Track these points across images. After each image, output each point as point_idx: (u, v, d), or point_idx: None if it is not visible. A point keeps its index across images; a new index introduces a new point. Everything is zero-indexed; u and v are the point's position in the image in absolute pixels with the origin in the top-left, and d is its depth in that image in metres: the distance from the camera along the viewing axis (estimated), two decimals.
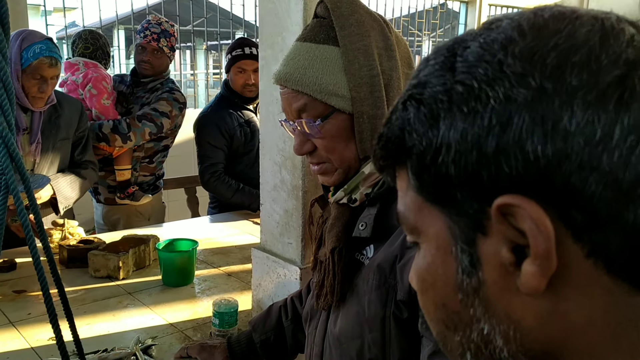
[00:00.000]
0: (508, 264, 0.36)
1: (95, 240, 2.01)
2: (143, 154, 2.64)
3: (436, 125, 0.37)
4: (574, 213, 0.34)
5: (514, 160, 0.34)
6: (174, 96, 2.61)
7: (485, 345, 0.39)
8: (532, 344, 0.37)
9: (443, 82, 0.38)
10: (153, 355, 1.35)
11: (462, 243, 0.38)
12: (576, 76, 0.34)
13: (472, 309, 0.39)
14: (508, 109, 0.35)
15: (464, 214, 0.37)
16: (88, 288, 1.77)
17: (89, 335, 1.46)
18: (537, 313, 0.37)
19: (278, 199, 1.45)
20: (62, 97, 2.24)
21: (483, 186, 0.36)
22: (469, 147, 0.36)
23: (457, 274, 0.39)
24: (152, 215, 2.76)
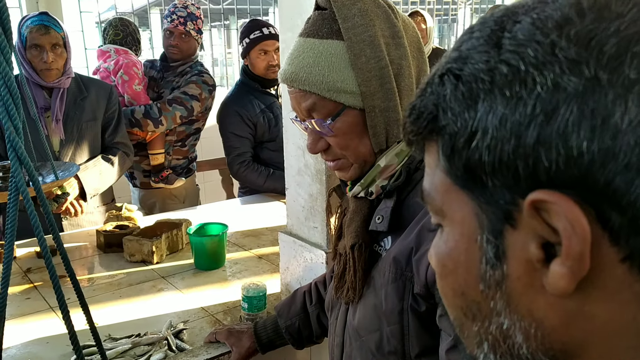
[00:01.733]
0: (536, 260, 0.34)
1: (130, 225, 2.06)
2: (175, 137, 2.67)
3: (474, 106, 0.35)
4: (614, 216, 0.31)
5: (556, 154, 0.32)
6: (202, 79, 2.62)
7: (503, 339, 0.37)
8: (553, 344, 0.35)
9: (486, 60, 0.35)
10: (184, 339, 1.38)
11: (488, 233, 0.36)
12: (635, 68, 0.31)
13: (493, 302, 0.37)
14: (556, 97, 0.32)
15: (493, 203, 0.35)
16: (124, 272, 1.82)
17: (124, 319, 1.50)
18: (562, 313, 0.34)
19: (302, 183, 1.45)
20: (90, 81, 2.29)
21: (518, 177, 0.33)
22: (507, 135, 0.33)
23: (480, 264, 0.37)
24: (187, 198, 2.80)
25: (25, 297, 1.65)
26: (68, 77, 2.13)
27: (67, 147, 2.16)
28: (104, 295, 1.66)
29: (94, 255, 1.98)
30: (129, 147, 2.36)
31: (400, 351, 0.87)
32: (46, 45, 2.02)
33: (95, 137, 2.25)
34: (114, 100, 2.30)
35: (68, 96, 2.15)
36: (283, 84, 0.91)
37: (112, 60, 2.58)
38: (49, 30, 2.02)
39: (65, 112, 2.14)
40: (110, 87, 2.33)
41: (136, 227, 2.04)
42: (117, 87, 2.55)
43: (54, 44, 2.04)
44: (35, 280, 1.75)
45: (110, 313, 1.54)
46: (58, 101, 2.12)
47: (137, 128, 2.51)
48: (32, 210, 0.69)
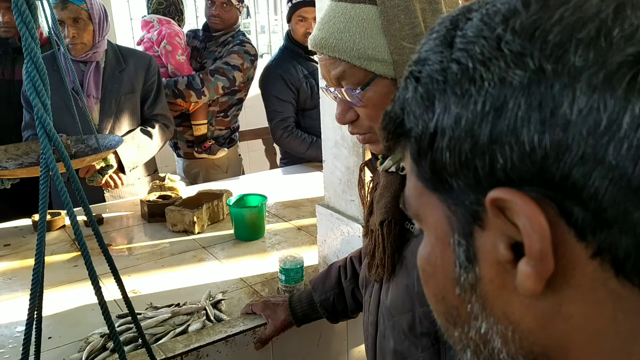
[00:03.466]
0: (505, 261, 0.32)
1: (173, 195, 2.10)
2: (218, 108, 2.69)
3: (432, 107, 0.34)
4: (576, 210, 0.30)
5: (509, 151, 0.30)
6: (244, 49, 2.61)
7: (483, 344, 0.36)
8: (533, 347, 0.34)
9: (440, 60, 0.34)
10: (222, 309, 1.40)
11: (458, 235, 0.35)
12: (581, 55, 0.29)
13: (470, 305, 0.36)
14: (503, 92, 0.31)
15: (460, 205, 0.34)
16: (166, 242, 1.86)
17: (165, 288, 1.54)
18: (538, 315, 0.33)
19: (339, 155, 1.42)
20: (129, 53, 2.29)
21: (478, 177, 0.32)
22: (462, 134, 0.32)
23: (454, 267, 0.36)
24: (230, 167, 2.83)
25: (73, 264, 1.71)
26: (96, 51, 2.12)
27: (106, 120, 2.18)
28: (146, 265, 1.70)
29: (137, 225, 2.03)
30: (168, 119, 2.37)
31: (433, 333, 0.85)
32: (66, 20, 2.02)
33: (134, 109, 2.26)
34: (152, 71, 2.29)
35: (106, 69, 2.17)
36: (312, 50, 0.88)
37: (155, 31, 2.59)
38: (66, 4, 2.01)
39: (103, 86, 2.16)
40: (150, 57, 2.33)
41: (178, 197, 2.08)
42: (161, 57, 2.57)
43: (75, 18, 2.03)
44: None
45: (152, 282, 1.58)
46: (91, 76, 2.13)
47: (180, 99, 2.53)
48: (62, 186, 0.70)
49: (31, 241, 1.89)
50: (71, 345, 1.30)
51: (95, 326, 1.34)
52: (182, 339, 1.26)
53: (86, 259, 0.76)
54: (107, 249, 0.83)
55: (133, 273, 1.63)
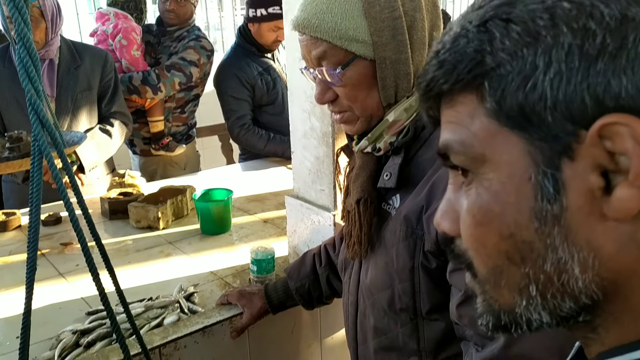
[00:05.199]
0: (597, 188, 0.35)
1: (134, 192, 2.07)
2: (174, 104, 2.65)
3: (534, 43, 0.35)
4: None
5: (626, 81, 0.33)
6: (200, 44, 2.59)
7: (558, 275, 0.38)
8: (607, 273, 0.36)
9: (541, 0, 0.36)
10: (195, 302, 1.40)
11: (545, 167, 0.36)
12: None
13: (549, 238, 0.37)
14: (625, 27, 0.33)
15: (549, 138, 0.36)
16: (131, 239, 1.84)
17: (135, 284, 1.52)
18: (617, 240, 0.35)
19: (308, 146, 1.45)
20: (84, 48, 2.22)
21: (584, 107, 0.34)
22: (575, 66, 0.34)
23: (535, 201, 0.37)
24: (187, 164, 2.80)
25: None
26: (48, 48, 2.05)
27: (63, 118, 2.11)
28: (112, 262, 1.66)
29: (99, 222, 1.99)
30: (127, 117, 2.32)
31: (412, 308, 0.90)
32: None
33: (92, 107, 2.20)
34: (109, 67, 2.23)
35: (61, 66, 2.10)
36: (295, 31, 0.90)
37: (110, 24, 2.53)
38: None
39: (58, 83, 2.10)
40: (106, 53, 2.27)
41: (140, 193, 2.05)
42: (115, 51, 2.52)
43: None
44: (43, 248, 1.76)
45: (121, 278, 1.54)
46: (45, 74, 2.05)
47: (135, 95, 2.49)
48: (57, 172, 0.69)
49: None
50: (41, 344, 1.27)
51: (63, 324, 1.31)
52: (158, 332, 1.25)
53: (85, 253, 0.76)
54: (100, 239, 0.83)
55: (99, 270, 1.60)
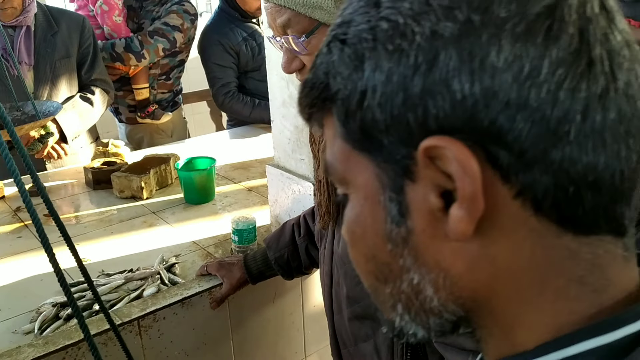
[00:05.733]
0: (436, 209, 0.34)
1: (118, 162, 2.05)
2: (159, 71, 2.61)
3: (361, 66, 0.35)
4: (502, 154, 0.32)
5: (441, 101, 0.32)
6: (184, 8, 2.52)
7: (415, 295, 0.38)
8: (462, 291, 0.36)
9: (367, 20, 0.35)
10: (176, 273, 1.40)
11: (390, 191, 0.36)
12: (505, 7, 0.31)
13: (402, 259, 0.37)
14: (435, 45, 0.32)
15: (391, 161, 0.35)
16: (114, 209, 1.83)
17: (117, 255, 1.52)
18: (466, 259, 0.35)
19: (287, 115, 1.43)
20: (60, 14, 2.16)
21: (410, 130, 0.34)
22: (394, 89, 0.33)
23: (385, 223, 0.37)
24: (174, 131, 2.78)
25: (16, 235, 1.66)
26: (26, 15, 1.99)
27: (42, 87, 2.07)
28: (95, 232, 1.67)
29: (82, 193, 1.98)
30: (108, 84, 2.28)
31: None
32: None
33: (71, 75, 2.16)
34: (87, 33, 2.18)
35: (37, 33, 2.05)
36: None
37: None
38: None
39: (35, 51, 2.05)
40: (83, 18, 2.21)
41: (124, 163, 2.03)
42: (96, 17, 2.46)
43: None
44: (26, 219, 1.76)
45: (103, 249, 1.56)
46: (22, 41, 2.01)
47: (118, 62, 2.44)
48: (6, 153, 0.67)
49: None
50: (22, 317, 1.27)
51: (44, 297, 1.32)
52: (137, 304, 1.26)
53: (37, 225, 0.74)
54: (57, 215, 0.82)
55: (82, 241, 1.60)
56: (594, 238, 0.34)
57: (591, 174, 0.32)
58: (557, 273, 0.34)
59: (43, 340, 1.14)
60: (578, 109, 0.31)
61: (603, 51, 0.32)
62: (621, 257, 0.35)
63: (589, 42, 0.32)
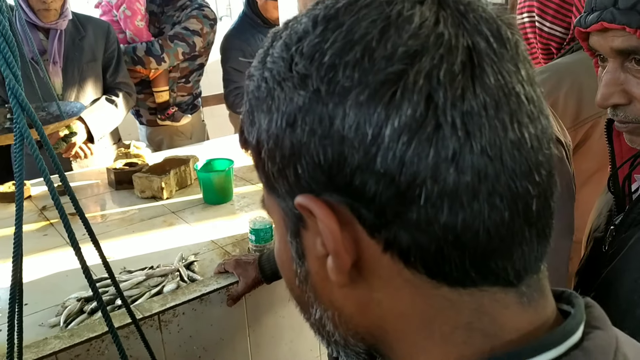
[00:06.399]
0: (322, 256, 0.37)
1: (139, 162, 2.11)
2: (179, 74, 2.67)
3: (254, 121, 0.37)
4: (363, 212, 0.34)
5: (305, 163, 0.34)
6: (203, 13, 2.58)
7: (321, 327, 0.41)
8: (357, 328, 0.39)
9: (258, 77, 0.37)
10: (195, 270, 1.45)
11: (290, 235, 0.39)
12: (348, 76, 0.33)
13: (307, 295, 0.40)
14: (293, 111, 0.34)
15: (287, 208, 0.38)
16: (135, 208, 1.89)
17: (138, 253, 1.58)
18: (355, 301, 0.38)
19: None
20: (87, 20, 2.26)
21: (289, 184, 0.36)
22: (273, 146, 0.36)
23: (292, 262, 0.40)
24: (194, 133, 2.84)
25: (42, 233, 1.73)
26: (65, 18, 2.10)
27: (70, 89, 2.17)
28: (117, 231, 1.73)
29: (105, 193, 2.05)
30: (131, 87, 2.37)
31: None
32: None
33: (97, 78, 2.25)
34: (112, 38, 2.28)
35: (66, 37, 2.14)
36: None
37: None
38: None
39: (64, 54, 2.14)
40: (108, 24, 2.31)
41: (145, 164, 2.09)
42: (119, 22, 2.53)
43: None
44: (52, 218, 1.82)
45: (124, 247, 1.61)
46: (56, 43, 2.10)
47: (139, 66, 2.51)
48: (37, 154, 0.72)
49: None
50: (48, 311, 1.33)
51: (69, 292, 1.37)
52: (158, 299, 1.30)
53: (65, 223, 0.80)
54: (84, 213, 0.87)
55: (105, 239, 1.66)
56: (474, 290, 0.35)
57: (451, 234, 0.33)
58: (441, 321, 0.35)
59: (68, 332, 1.20)
60: (427, 174, 0.32)
61: (456, 114, 0.31)
62: (515, 304, 0.36)
63: (437, 107, 0.31)
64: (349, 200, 0.34)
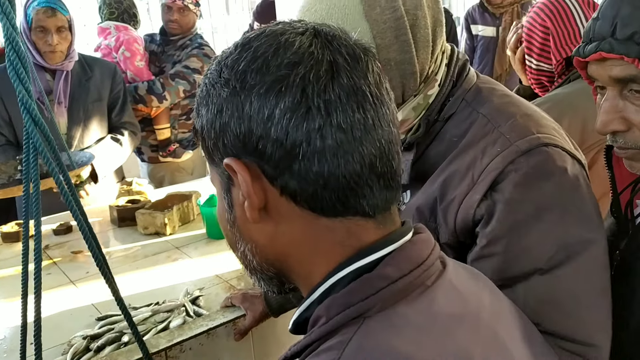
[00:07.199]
0: (242, 203, 0.54)
1: (142, 199, 2.12)
2: (180, 111, 2.71)
3: (199, 113, 0.56)
4: (266, 167, 0.52)
5: (229, 135, 0.52)
6: (203, 52, 2.64)
7: (245, 258, 0.59)
8: (268, 256, 0.57)
9: (201, 84, 0.56)
10: (201, 305, 1.44)
11: (224, 192, 0.57)
12: (253, 78, 0.51)
13: (235, 236, 0.58)
14: (220, 102, 0.53)
15: (221, 171, 0.55)
16: (139, 245, 1.88)
17: (143, 290, 1.57)
18: (266, 235, 0.55)
19: None
20: (94, 61, 2.31)
21: (220, 152, 0.54)
22: (210, 127, 0.54)
23: (225, 211, 0.58)
24: (195, 169, 2.86)
25: (46, 272, 1.72)
26: (71, 59, 2.15)
27: (75, 129, 2.19)
28: (121, 268, 1.72)
29: (108, 230, 2.05)
30: (136, 126, 2.41)
31: None
32: (52, 28, 2.04)
33: (102, 117, 2.29)
34: (118, 79, 2.33)
35: (72, 78, 2.18)
36: None
37: (112, 37, 2.60)
38: (55, 12, 2.03)
39: (70, 94, 2.17)
40: (114, 66, 2.36)
41: (147, 200, 2.10)
42: (119, 63, 2.58)
43: (60, 27, 2.06)
44: (55, 256, 1.82)
45: (129, 284, 1.61)
46: (62, 84, 2.14)
47: (141, 104, 2.55)
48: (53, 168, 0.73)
49: (1, 252, 1.88)
50: (53, 350, 1.32)
51: (74, 330, 1.36)
52: (164, 335, 1.30)
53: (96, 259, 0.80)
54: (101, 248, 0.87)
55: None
56: (343, 219, 0.53)
57: (321, 179, 0.51)
58: (323, 241, 0.54)
59: None
60: (303, 139, 0.50)
61: (320, 101, 0.50)
62: (373, 228, 0.54)
63: (307, 97, 0.49)
64: (256, 159, 0.52)
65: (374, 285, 0.52)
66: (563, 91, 1.38)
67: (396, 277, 0.52)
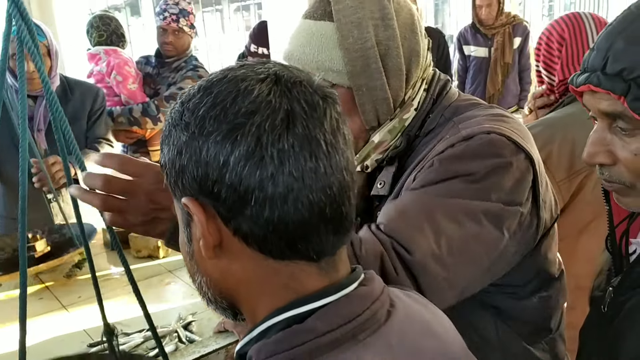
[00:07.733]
0: (199, 239, 0.56)
1: None
2: None
3: (162, 150, 0.58)
4: (220, 208, 0.54)
5: (187, 177, 0.55)
6: (198, 74, 2.65)
7: (202, 289, 0.62)
8: (221, 289, 0.60)
9: (165, 122, 0.59)
10: (193, 330, 1.43)
11: (183, 226, 0.60)
12: (211, 125, 0.53)
13: (193, 268, 0.61)
14: (180, 145, 0.55)
15: (180, 207, 0.58)
16: (132, 268, 1.86)
17: (135, 315, 1.55)
18: (219, 270, 0.58)
19: None
20: (76, 84, 2.27)
21: (179, 191, 0.57)
22: (170, 166, 0.56)
23: (185, 245, 0.61)
24: None
25: (38, 297, 1.70)
26: (52, 85, 2.12)
27: (53, 149, 2.14)
28: (113, 292, 1.71)
29: (100, 253, 2.03)
30: (111, 142, 2.35)
31: None
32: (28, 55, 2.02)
33: (80, 137, 2.23)
34: (99, 101, 2.28)
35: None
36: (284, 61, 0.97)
37: (103, 62, 2.61)
38: None
39: (48, 119, 2.16)
40: (98, 89, 2.33)
41: None
42: (113, 88, 2.58)
43: None
44: (46, 281, 1.80)
45: (121, 309, 1.59)
46: (42, 110, 2.11)
47: (136, 126, 2.55)
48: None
49: None
50: None
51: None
52: None
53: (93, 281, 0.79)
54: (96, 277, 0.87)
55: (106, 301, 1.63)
56: (289, 262, 0.56)
57: (271, 225, 0.53)
58: (269, 282, 0.57)
59: None
60: (255, 185, 0.51)
61: (274, 150, 0.51)
62: (316, 273, 0.57)
63: (262, 145, 0.51)
64: (211, 201, 0.54)
65: (301, 337, 0.54)
66: (556, 115, 1.40)
67: (323, 332, 0.54)
